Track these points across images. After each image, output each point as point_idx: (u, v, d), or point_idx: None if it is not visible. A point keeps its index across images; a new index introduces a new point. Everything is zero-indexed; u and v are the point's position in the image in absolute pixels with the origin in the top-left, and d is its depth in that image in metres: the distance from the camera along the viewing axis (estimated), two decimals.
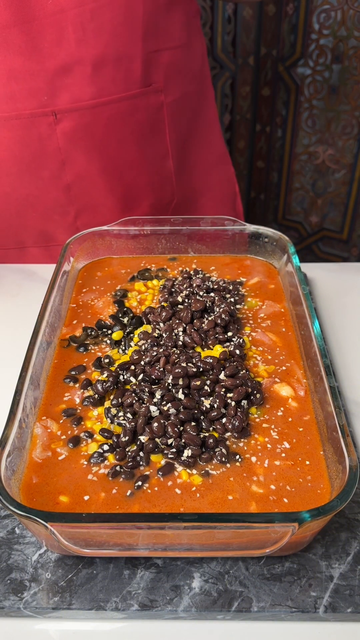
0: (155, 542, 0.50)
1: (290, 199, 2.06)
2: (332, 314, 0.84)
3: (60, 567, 0.53)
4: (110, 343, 0.71)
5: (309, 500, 0.53)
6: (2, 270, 0.97)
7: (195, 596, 0.51)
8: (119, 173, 0.94)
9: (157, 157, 0.97)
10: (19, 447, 0.55)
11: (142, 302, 0.78)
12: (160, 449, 0.56)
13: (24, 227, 0.98)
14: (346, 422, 0.54)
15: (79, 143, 0.88)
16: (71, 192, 0.94)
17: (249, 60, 1.86)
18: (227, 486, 0.54)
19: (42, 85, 0.82)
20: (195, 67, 0.96)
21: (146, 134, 0.93)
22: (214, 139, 1.08)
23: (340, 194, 1.94)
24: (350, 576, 0.52)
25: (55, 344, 0.70)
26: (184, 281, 0.78)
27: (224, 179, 1.14)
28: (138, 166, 0.95)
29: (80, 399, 0.63)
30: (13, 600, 0.51)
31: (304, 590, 0.51)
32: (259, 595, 0.51)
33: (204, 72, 1.01)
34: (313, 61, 1.74)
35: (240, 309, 0.76)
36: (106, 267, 0.86)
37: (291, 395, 0.63)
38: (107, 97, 0.85)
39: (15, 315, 0.86)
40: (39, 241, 1.01)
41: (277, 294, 0.79)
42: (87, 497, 0.53)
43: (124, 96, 0.86)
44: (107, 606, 0.50)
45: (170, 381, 0.60)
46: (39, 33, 0.78)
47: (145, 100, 0.89)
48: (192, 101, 0.98)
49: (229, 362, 0.64)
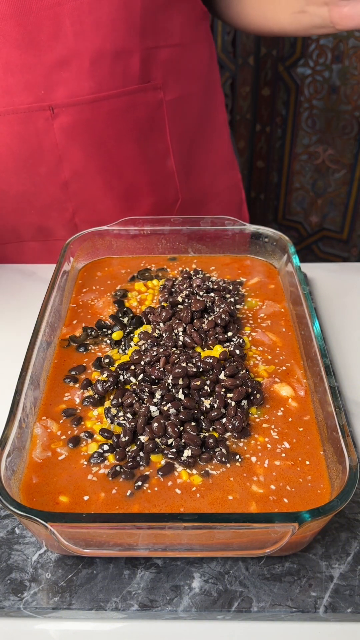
0: (155, 542, 0.50)
1: (290, 199, 2.06)
2: (332, 314, 0.84)
3: (60, 567, 0.53)
4: (110, 343, 0.71)
5: (309, 500, 0.53)
6: (2, 270, 0.97)
7: (195, 596, 0.51)
8: (118, 170, 0.94)
9: (158, 156, 0.96)
10: (19, 447, 0.55)
11: (142, 302, 0.78)
12: (160, 449, 0.56)
13: (22, 222, 0.98)
14: (346, 422, 0.54)
15: (77, 139, 0.87)
16: (69, 189, 0.93)
17: (249, 60, 1.86)
18: (227, 486, 0.54)
19: (39, 79, 0.81)
20: (199, 68, 0.96)
21: (146, 132, 0.92)
22: (222, 144, 1.07)
23: (340, 194, 1.94)
24: (350, 576, 0.52)
25: (55, 344, 0.70)
26: (184, 281, 0.78)
27: (230, 185, 1.13)
28: (138, 164, 0.95)
29: (80, 399, 0.63)
30: (13, 600, 0.51)
31: (304, 590, 0.51)
32: (259, 595, 0.51)
33: (211, 76, 1.00)
34: (313, 61, 1.74)
35: (240, 309, 0.76)
36: (106, 267, 0.86)
37: (291, 395, 0.63)
38: (106, 92, 0.84)
39: (15, 315, 0.86)
40: (37, 236, 1.00)
41: (277, 294, 0.79)
42: (87, 497, 0.53)
43: (123, 92, 0.86)
44: (107, 606, 0.50)
45: (170, 381, 0.60)
46: (36, 26, 0.77)
47: (144, 96, 0.88)
48: (196, 103, 0.97)
49: (229, 362, 0.64)
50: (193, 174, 1.03)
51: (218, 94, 1.03)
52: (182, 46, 0.90)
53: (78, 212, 0.97)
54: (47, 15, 0.77)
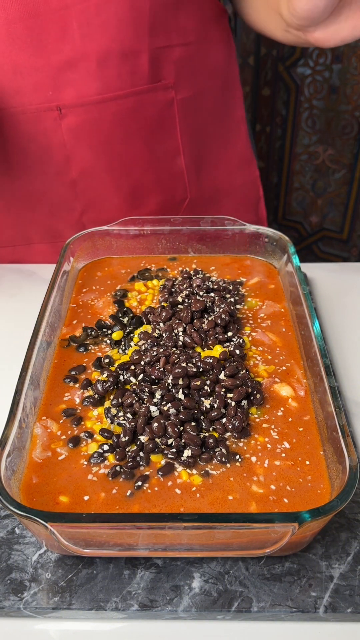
0: (155, 542, 0.50)
1: (290, 199, 2.06)
2: (332, 314, 0.84)
3: (60, 567, 0.53)
4: (110, 343, 0.71)
5: (309, 500, 0.53)
6: (2, 270, 0.97)
7: (195, 596, 0.51)
8: (125, 169, 0.94)
9: (167, 155, 0.96)
10: (19, 447, 0.55)
11: (142, 302, 0.78)
12: (160, 449, 0.56)
13: (31, 223, 0.98)
14: (346, 422, 0.54)
15: (84, 138, 0.88)
16: (77, 188, 0.93)
17: (249, 60, 1.86)
18: (227, 486, 0.54)
19: (47, 80, 0.82)
20: (215, 66, 0.95)
21: (155, 131, 0.92)
22: (239, 140, 1.06)
23: (340, 194, 1.94)
24: (350, 576, 0.52)
25: (55, 344, 0.70)
26: (184, 281, 0.78)
27: (247, 182, 1.11)
28: (146, 163, 0.95)
29: (80, 399, 0.63)
30: (13, 600, 0.51)
31: (304, 590, 0.51)
32: (259, 595, 0.51)
33: (229, 72, 0.99)
34: (313, 61, 1.74)
35: (240, 309, 0.76)
36: (106, 267, 0.86)
37: (291, 395, 0.63)
38: (113, 92, 0.85)
39: (15, 315, 0.86)
40: (45, 237, 1.01)
41: (277, 294, 0.79)
42: (87, 497, 0.53)
43: (131, 92, 0.86)
44: (107, 606, 0.50)
45: (170, 381, 0.60)
46: (44, 28, 0.78)
47: (154, 96, 0.88)
48: (210, 100, 0.97)
49: (229, 362, 0.64)
50: (204, 172, 1.03)
51: (236, 90, 1.02)
52: (196, 44, 0.90)
53: (86, 211, 0.97)
54: (55, 18, 0.78)
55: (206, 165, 1.03)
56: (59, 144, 0.88)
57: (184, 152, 0.97)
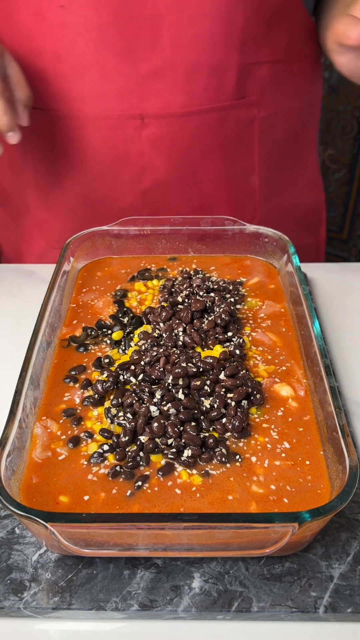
0: (155, 542, 0.50)
1: None
2: (332, 314, 0.84)
3: (60, 567, 0.53)
4: (110, 343, 0.71)
5: (309, 500, 0.53)
6: (2, 270, 0.97)
7: (195, 596, 0.51)
8: (198, 184, 0.93)
9: (242, 173, 0.94)
10: (19, 447, 0.55)
11: (142, 302, 0.78)
12: (160, 449, 0.56)
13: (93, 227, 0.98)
14: (346, 422, 0.54)
15: (163, 150, 0.87)
16: (146, 198, 0.93)
17: None
18: (227, 486, 0.54)
19: (133, 87, 0.81)
20: (301, 84, 0.93)
21: (233, 148, 0.91)
22: (310, 162, 1.05)
23: (340, 194, 1.94)
24: (350, 576, 0.52)
25: (55, 344, 0.70)
26: (184, 281, 0.78)
27: (312, 204, 1.10)
28: (220, 179, 0.93)
29: (80, 399, 0.63)
30: (13, 600, 0.51)
31: (304, 590, 0.51)
32: (259, 595, 0.51)
33: (313, 91, 0.97)
34: None
35: (240, 309, 0.76)
36: (106, 267, 0.86)
37: (291, 395, 0.63)
38: (197, 106, 0.84)
39: (15, 315, 0.86)
40: None
41: (277, 294, 0.79)
42: (87, 497, 0.53)
43: (215, 107, 0.85)
44: (107, 606, 0.50)
45: (170, 381, 0.60)
46: (135, 35, 0.78)
47: (236, 112, 0.87)
48: (291, 119, 0.95)
49: (229, 362, 0.64)
50: (275, 192, 1.01)
51: (315, 110, 1.01)
52: (285, 62, 0.88)
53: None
54: (147, 26, 0.77)
55: (278, 186, 1.01)
56: (137, 153, 0.87)
57: (259, 172, 0.95)
